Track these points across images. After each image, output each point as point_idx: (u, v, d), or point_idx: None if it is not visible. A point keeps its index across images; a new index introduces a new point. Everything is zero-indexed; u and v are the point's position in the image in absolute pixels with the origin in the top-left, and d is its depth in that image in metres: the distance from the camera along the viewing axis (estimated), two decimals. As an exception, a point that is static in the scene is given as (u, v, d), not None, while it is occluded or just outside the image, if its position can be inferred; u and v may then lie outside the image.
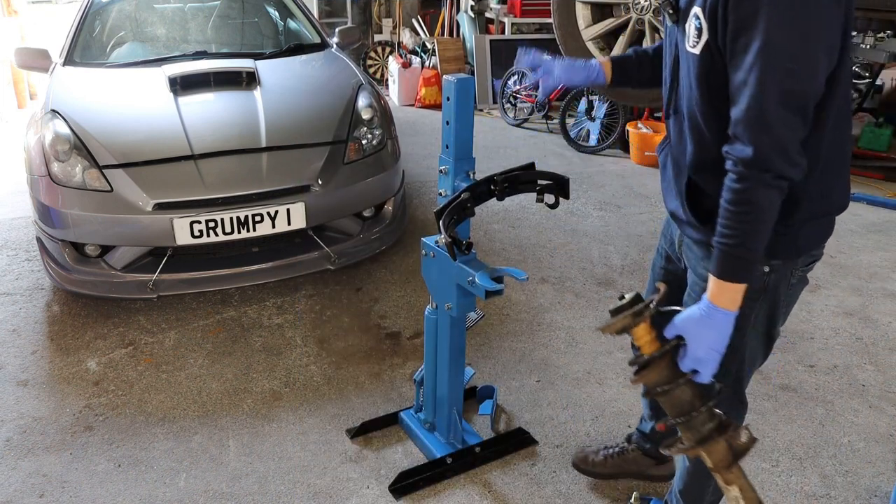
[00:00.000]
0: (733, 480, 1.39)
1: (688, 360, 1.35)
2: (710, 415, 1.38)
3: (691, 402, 1.37)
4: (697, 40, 1.31)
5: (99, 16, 4.28)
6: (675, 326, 1.37)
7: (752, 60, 1.22)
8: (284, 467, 2.30)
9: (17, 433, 2.45)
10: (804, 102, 1.24)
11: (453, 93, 1.96)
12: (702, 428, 1.37)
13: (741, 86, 1.24)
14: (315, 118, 3.40)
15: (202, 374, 2.78)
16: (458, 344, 2.19)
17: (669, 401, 1.39)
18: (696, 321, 1.34)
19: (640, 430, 2.19)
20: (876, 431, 2.48)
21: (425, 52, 8.04)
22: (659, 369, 1.37)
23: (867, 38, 5.06)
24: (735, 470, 1.39)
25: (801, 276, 1.51)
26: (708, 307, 1.33)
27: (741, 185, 1.27)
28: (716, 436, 1.37)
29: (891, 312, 3.28)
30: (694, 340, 1.33)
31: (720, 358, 1.34)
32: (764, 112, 1.22)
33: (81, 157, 3.01)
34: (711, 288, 1.33)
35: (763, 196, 1.26)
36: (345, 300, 3.35)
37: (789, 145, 1.25)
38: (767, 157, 1.24)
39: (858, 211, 4.51)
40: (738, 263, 1.30)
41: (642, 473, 2.18)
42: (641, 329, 1.37)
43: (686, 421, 1.37)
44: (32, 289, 3.43)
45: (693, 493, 1.83)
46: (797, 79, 1.22)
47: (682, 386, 1.37)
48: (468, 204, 1.86)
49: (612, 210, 4.50)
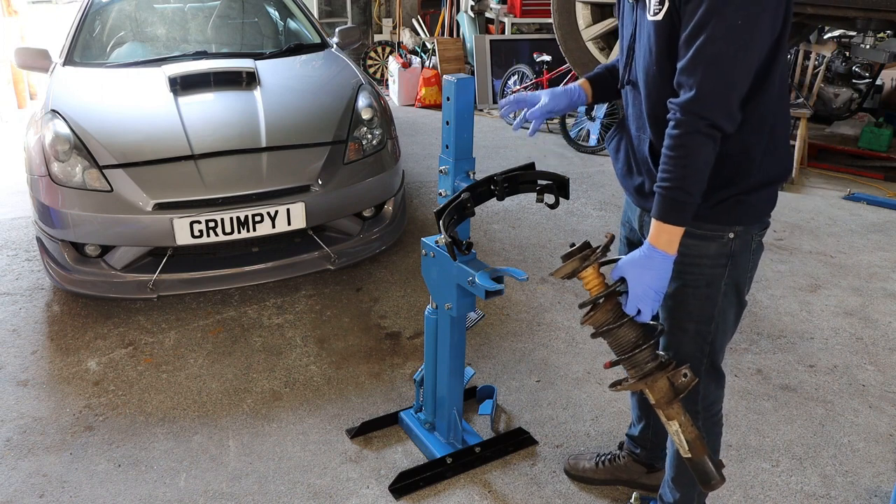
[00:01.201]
0: (674, 416, 1.52)
1: (630, 300, 1.47)
2: (652, 353, 1.51)
3: (635, 342, 1.50)
4: (660, 7, 1.41)
5: (99, 16, 4.28)
6: (618, 268, 1.50)
7: (701, 19, 1.33)
8: (284, 467, 2.30)
9: (17, 433, 2.45)
10: (747, 56, 1.35)
11: (453, 93, 1.96)
12: (644, 365, 1.51)
13: (689, 39, 1.36)
14: (315, 118, 3.40)
15: (202, 374, 2.78)
16: (458, 344, 2.19)
17: (615, 340, 1.52)
18: (636, 262, 1.46)
19: (629, 434, 2.18)
20: (876, 431, 2.48)
21: (425, 52, 8.04)
22: (605, 310, 1.50)
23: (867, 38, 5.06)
24: (676, 405, 1.51)
25: (758, 243, 1.62)
26: (648, 248, 1.45)
27: (678, 130, 1.38)
28: (657, 372, 1.49)
29: (891, 312, 3.28)
30: (634, 280, 1.46)
31: (659, 298, 1.46)
32: (710, 56, 1.33)
33: (81, 157, 3.01)
34: (652, 231, 1.45)
35: (697, 142, 1.37)
36: (345, 300, 3.35)
37: (728, 95, 1.36)
38: (706, 102, 1.35)
39: (858, 211, 4.52)
40: (675, 206, 1.41)
41: (634, 481, 2.17)
42: (590, 273, 1.52)
43: (629, 358, 1.51)
44: (32, 289, 3.43)
45: (684, 479, 1.84)
46: (743, 33, 1.32)
47: (626, 326, 1.50)
48: (468, 204, 1.86)
49: (612, 210, 4.50)
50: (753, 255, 1.61)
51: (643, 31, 1.50)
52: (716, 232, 1.54)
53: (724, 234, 1.54)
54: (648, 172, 1.60)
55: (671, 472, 1.87)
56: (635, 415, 2.13)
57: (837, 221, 4.32)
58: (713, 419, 1.77)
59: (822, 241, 4.02)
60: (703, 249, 1.56)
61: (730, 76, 1.35)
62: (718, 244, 1.55)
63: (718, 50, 1.33)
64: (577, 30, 5.61)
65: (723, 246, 1.55)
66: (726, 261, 1.57)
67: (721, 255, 1.56)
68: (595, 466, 2.21)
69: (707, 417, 1.75)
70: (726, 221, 1.53)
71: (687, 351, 1.67)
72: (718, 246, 1.55)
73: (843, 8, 4.52)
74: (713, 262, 1.56)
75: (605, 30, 5.50)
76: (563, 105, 1.85)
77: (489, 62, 7.30)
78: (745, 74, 1.37)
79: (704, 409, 1.74)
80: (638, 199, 1.69)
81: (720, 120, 1.36)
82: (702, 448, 1.54)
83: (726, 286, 1.60)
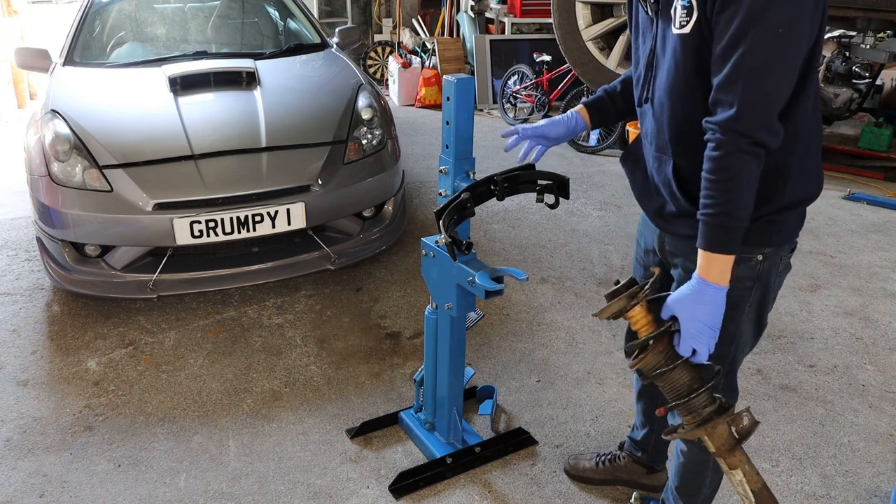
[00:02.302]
0: (737, 464, 1.37)
1: (683, 340, 1.35)
2: (709, 397, 1.37)
3: (689, 385, 1.37)
4: (687, 19, 1.33)
5: (99, 16, 4.28)
6: (668, 307, 1.38)
7: (739, 29, 1.24)
8: (284, 467, 2.30)
9: (17, 433, 2.45)
10: (789, 67, 1.28)
11: (453, 93, 1.96)
12: (702, 410, 1.37)
13: (726, 52, 1.27)
14: (315, 118, 3.40)
15: (202, 374, 2.78)
16: (458, 344, 2.19)
17: (668, 383, 1.38)
18: (688, 298, 1.35)
19: (631, 437, 2.18)
20: (876, 431, 2.48)
21: (425, 52, 8.04)
22: (656, 352, 1.37)
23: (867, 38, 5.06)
24: (738, 453, 1.37)
25: (786, 263, 1.56)
26: (698, 282, 1.35)
27: (719, 151, 1.29)
28: (716, 417, 1.36)
29: (891, 312, 3.28)
30: (687, 318, 1.35)
31: (715, 335, 1.35)
32: (750, 69, 1.25)
33: (81, 157, 3.01)
34: (700, 263, 1.35)
35: (741, 162, 1.28)
36: (345, 300, 3.35)
37: (771, 108, 1.28)
38: (748, 119, 1.26)
39: (858, 211, 4.52)
40: (723, 233, 1.32)
41: (634, 482, 2.17)
42: (637, 312, 1.38)
43: (685, 403, 1.37)
44: (32, 289, 3.43)
45: (689, 489, 1.83)
46: (784, 42, 1.24)
47: (680, 368, 1.36)
48: (468, 204, 1.86)
49: (612, 210, 4.50)
50: (780, 276, 1.55)
51: (667, 45, 1.41)
52: (744, 254, 1.45)
53: (753, 255, 1.47)
54: (671, 195, 1.52)
55: (675, 481, 1.85)
56: (639, 420, 2.12)
57: (837, 221, 4.32)
58: None
59: (822, 241, 4.02)
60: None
61: (771, 89, 1.27)
62: (746, 266, 1.47)
63: (759, 62, 1.25)
64: (577, 30, 5.61)
65: (751, 269, 1.48)
66: (752, 283, 1.50)
67: (748, 277, 1.48)
68: (595, 466, 2.21)
69: None
70: (756, 243, 1.45)
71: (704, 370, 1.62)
72: (746, 269, 1.47)
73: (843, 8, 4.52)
74: (739, 285, 1.47)
75: (605, 30, 5.50)
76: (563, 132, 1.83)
77: (489, 62, 7.30)
78: (786, 86, 1.29)
79: None
80: (658, 221, 1.62)
81: (764, 136, 1.28)
82: (770, 499, 1.40)
83: (749, 307, 1.53)
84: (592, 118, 1.83)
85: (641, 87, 1.55)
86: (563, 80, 6.42)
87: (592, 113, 1.83)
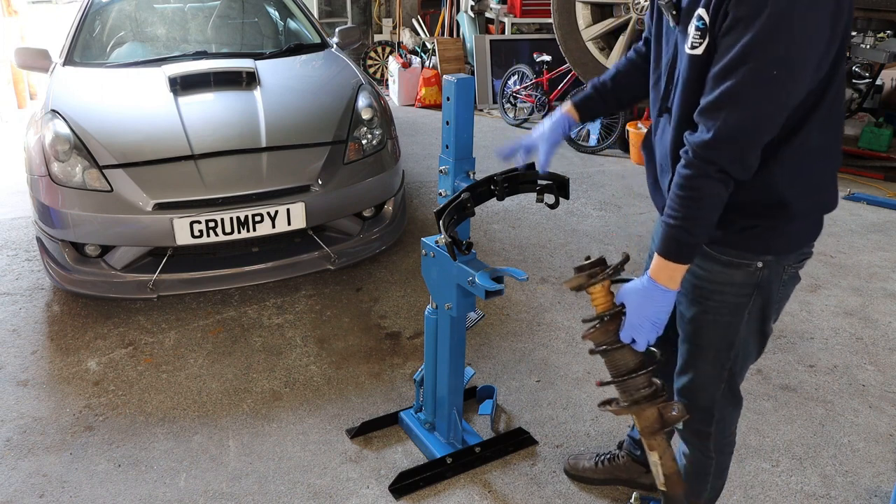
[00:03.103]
0: (656, 447, 1.50)
1: (625, 328, 1.42)
2: (646, 381, 1.47)
3: (630, 367, 1.47)
4: (700, 41, 1.30)
5: (99, 16, 4.28)
6: (621, 294, 1.45)
7: (735, 59, 1.22)
8: (284, 467, 2.30)
9: (17, 433, 2.45)
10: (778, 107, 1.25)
11: (453, 93, 1.96)
12: (636, 392, 1.47)
13: (718, 78, 1.25)
14: (315, 118, 3.40)
15: (202, 374, 2.78)
16: (458, 344, 2.19)
17: (611, 361, 1.49)
18: (637, 293, 1.41)
19: (630, 436, 2.18)
20: (876, 431, 2.48)
21: (425, 52, 8.04)
22: (605, 330, 1.47)
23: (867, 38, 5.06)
24: (659, 437, 1.49)
25: (792, 273, 1.51)
26: (648, 281, 1.39)
27: (688, 171, 1.31)
28: (648, 402, 1.46)
29: (891, 312, 3.28)
30: (632, 310, 1.41)
31: (657, 330, 1.40)
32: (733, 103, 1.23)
33: (81, 157, 3.01)
34: (654, 264, 1.39)
35: (706, 185, 1.29)
36: (345, 300, 3.35)
37: (745, 142, 1.26)
38: (721, 149, 1.26)
39: (858, 211, 4.52)
40: (678, 245, 1.34)
41: (633, 481, 2.16)
42: (597, 290, 1.48)
43: (622, 382, 1.48)
44: (32, 289, 3.43)
45: (690, 493, 1.83)
46: (773, 85, 1.22)
47: (626, 349, 1.46)
48: (468, 204, 1.86)
49: (612, 210, 4.50)
50: (784, 286, 1.50)
51: (682, 60, 1.39)
52: (742, 259, 1.44)
53: (753, 262, 1.44)
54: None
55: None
56: None
57: (837, 221, 4.32)
58: (725, 440, 1.74)
59: (821, 241, 3.99)
60: (727, 277, 1.47)
61: (751, 124, 1.25)
62: (745, 273, 1.45)
63: (746, 96, 1.23)
64: (577, 30, 5.62)
65: (750, 275, 1.45)
66: (752, 290, 1.47)
67: (747, 284, 1.46)
68: (594, 466, 2.21)
69: (719, 440, 1.72)
70: (755, 249, 1.43)
71: (705, 375, 1.61)
72: (745, 275, 1.45)
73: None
74: (738, 291, 1.47)
75: (605, 30, 5.50)
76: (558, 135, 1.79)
77: (489, 62, 7.30)
78: (770, 126, 1.27)
79: (718, 433, 1.70)
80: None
81: (731, 168, 1.28)
82: (679, 484, 1.52)
83: (749, 315, 1.51)
84: (581, 114, 1.80)
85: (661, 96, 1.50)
86: (563, 80, 6.42)
87: (581, 109, 1.79)
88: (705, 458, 1.75)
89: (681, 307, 1.59)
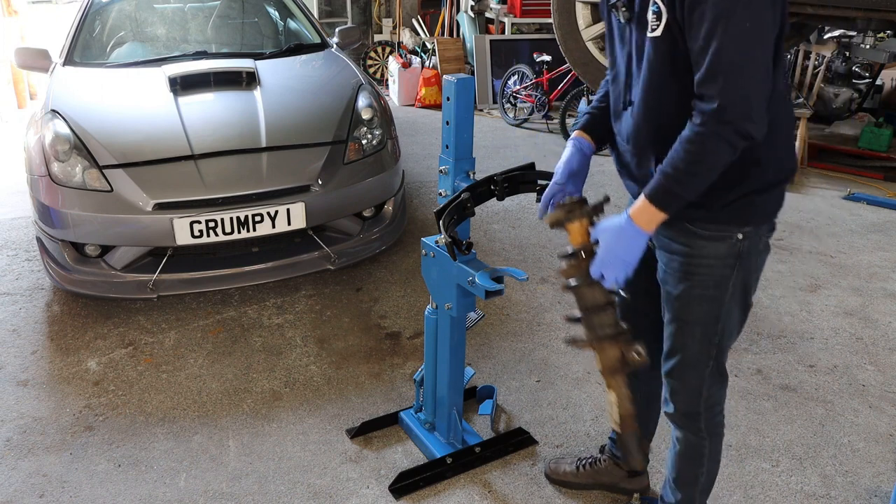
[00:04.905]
0: (614, 387, 1.56)
1: (596, 263, 1.49)
2: (613, 320, 1.53)
3: (597, 304, 1.52)
4: (658, 23, 1.39)
5: (99, 16, 4.28)
6: (597, 230, 1.53)
7: (709, 27, 1.31)
8: (284, 467, 2.30)
9: (17, 433, 2.45)
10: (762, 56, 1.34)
11: (453, 93, 1.96)
12: (600, 330, 1.53)
13: (702, 50, 1.33)
14: (315, 118, 3.40)
15: (202, 374, 2.78)
16: (458, 344, 2.19)
17: (580, 297, 1.55)
18: (613, 230, 1.49)
19: (612, 438, 2.17)
20: (876, 431, 2.48)
21: (425, 52, 8.04)
22: (577, 266, 1.53)
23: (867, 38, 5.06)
24: (618, 378, 1.55)
25: (765, 244, 1.61)
26: (626, 220, 1.47)
27: (699, 128, 1.36)
28: (611, 340, 1.53)
29: (891, 312, 3.28)
30: (605, 246, 1.49)
31: (626, 269, 1.47)
32: (727, 64, 1.31)
33: (81, 157, 3.01)
34: (637, 204, 1.46)
35: (714, 146, 1.35)
36: (345, 300, 3.35)
37: (753, 97, 1.33)
38: (732, 111, 1.32)
39: (858, 211, 4.52)
40: (667, 194, 1.42)
41: (615, 485, 2.14)
42: (574, 227, 1.55)
43: (588, 318, 1.54)
44: (32, 289, 3.43)
45: (685, 478, 1.84)
46: (753, 35, 1.31)
47: (595, 287, 1.52)
48: (468, 204, 1.86)
49: (612, 210, 4.48)
50: (761, 255, 1.62)
51: (643, 50, 1.47)
52: (725, 233, 1.54)
53: (734, 234, 1.54)
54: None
55: (672, 473, 1.87)
56: None
57: (837, 221, 4.32)
58: (714, 420, 1.76)
59: (822, 241, 4.02)
60: (712, 250, 1.55)
61: (750, 80, 1.32)
62: (728, 245, 1.55)
63: (735, 55, 1.31)
64: (577, 30, 5.61)
65: (732, 247, 1.55)
66: (735, 261, 1.56)
67: (730, 255, 1.55)
68: (576, 470, 2.19)
69: (709, 419, 1.74)
70: (736, 222, 1.53)
71: (693, 352, 1.66)
72: (727, 247, 1.55)
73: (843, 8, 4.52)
74: (722, 263, 1.56)
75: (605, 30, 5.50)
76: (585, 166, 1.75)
77: (489, 62, 7.30)
78: (764, 75, 1.35)
79: (706, 410, 1.73)
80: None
81: (749, 127, 1.34)
82: (630, 426, 1.59)
83: (734, 287, 1.59)
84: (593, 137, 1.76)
85: (622, 91, 1.59)
86: (563, 80, 6.42)
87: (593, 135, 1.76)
88: (698, 440, 1.77)
89: (667, 287, 1.65)
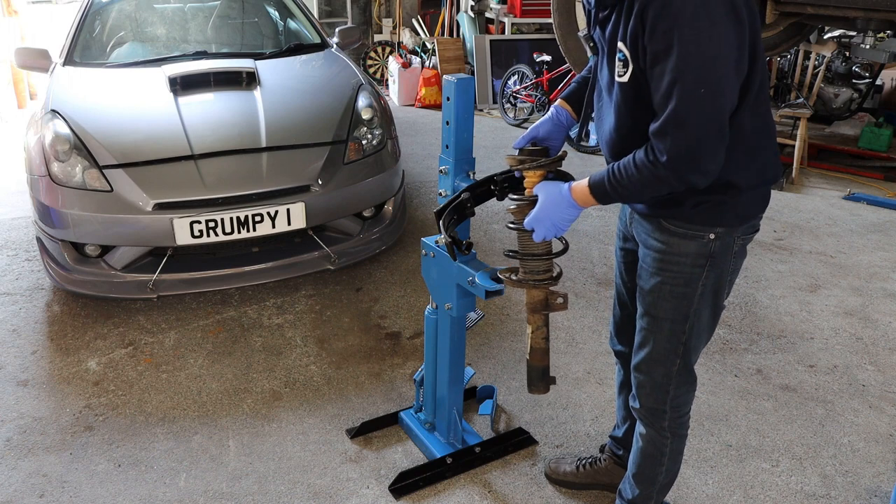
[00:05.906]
0: (532, 322, 1.73)
1: (530, 217, 1.61)
2: (547, 266, 1.69)
3: (534, 251, 1.67)
4: (625, 70, 1.46)
5: (99, 16, 4.28)
6: (538, 186, 1.63)
7: (667, 87, 1.36)
8: (284, 467, 2.30)
9: (17, 433, 2.45)
10: (716, 117, 1.37)
11: (453, 93, 1.96)
12: (531, 273, 1.69)
13: (659, 106, 1.39)
14: (315, 118, 3.40)
15: (202, 374, 2.78)
16: (458, 344, 2.19)
17: (521, 239, 1.70)
18: (551, 193, 1.59)
19: (612, 436, 2.17)
20: (876, 431, 2.48)
21: (425, 52, 8.04)
22: (519, 211, 1.67)
23: (867, 38, 5.06)
24: (539, 315, 1.72)
25: (741, 246, 1.62)
26: (564, 190, 1.58)
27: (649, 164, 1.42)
28: (541, 283, 1.69)
29: (891, 312, 3.28)
30: (541, 205, 1.60)
31: (554, 230, 1.60)
32: (679, 124, 1.36)
33: (81, 157, 3.01)
34: (580, 182, 1.57)
35: (658, 183, 1.43)
36: (345, 300, 3.35)
37: (701, 152, 1.38)
38: (678, 162, 1.38)
39: (858, 211, 4.52)
40: (604, 193, 1.52)
41: (615, 486, 2.12)
42: (533, 176, 1.65)
43: (525, 260, 1.69)
44: (32, 289, 3.43)
45: (645, 476, 1.85)
46: (707, 98, 1.35)
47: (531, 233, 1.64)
48: (468, 204, 1.86)
49: (612, 210, 4.49)
50: (735, 258, 1.62)
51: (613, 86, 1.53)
52: (696, 232, 1.56)
53: (705, 234, 1.56)
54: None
55: (633, 469, 1.88)
56: (620, 416, 2.12)
57: (837, 221, 4.32)
58: (679, 420, 1.77)
59: (822, 241, 4.02)
60: (683, 248, 1.58)
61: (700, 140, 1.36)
62: (698, 244, 1.56)
63: (686, 116, 1.35)
64: (577, 30, 5.61)
65: (702, 246, 1.57)
66: (705, 261, 1.58)
67: (700, 255, 1.57)
68: (576, 470, 2.19)
69: (674, 419, 1.75)
70: (707, 222, 1.55)
71: (661, 348, 1.67)
72: (698, 246, 1.57)
73: (843, 8, 4.51)
74: (692, 262, 1.58)
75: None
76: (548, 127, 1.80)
77: (489, 62, 7.30)
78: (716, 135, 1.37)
79: (672, 410, 1.74)
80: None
81: (693, 177, 1.40)
82: (540, 359, 1.75)
83: (703, 287, 1.61)
84: (575, 109, 1.83)
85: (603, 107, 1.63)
86: (563, 80, 6.42)
87: (573, 104, 1.83)
88: (661, 437, 1.78)
89: (641, 281, 1.68)
